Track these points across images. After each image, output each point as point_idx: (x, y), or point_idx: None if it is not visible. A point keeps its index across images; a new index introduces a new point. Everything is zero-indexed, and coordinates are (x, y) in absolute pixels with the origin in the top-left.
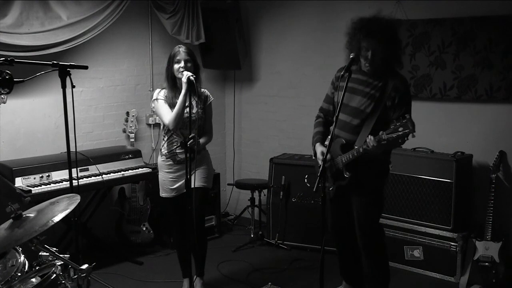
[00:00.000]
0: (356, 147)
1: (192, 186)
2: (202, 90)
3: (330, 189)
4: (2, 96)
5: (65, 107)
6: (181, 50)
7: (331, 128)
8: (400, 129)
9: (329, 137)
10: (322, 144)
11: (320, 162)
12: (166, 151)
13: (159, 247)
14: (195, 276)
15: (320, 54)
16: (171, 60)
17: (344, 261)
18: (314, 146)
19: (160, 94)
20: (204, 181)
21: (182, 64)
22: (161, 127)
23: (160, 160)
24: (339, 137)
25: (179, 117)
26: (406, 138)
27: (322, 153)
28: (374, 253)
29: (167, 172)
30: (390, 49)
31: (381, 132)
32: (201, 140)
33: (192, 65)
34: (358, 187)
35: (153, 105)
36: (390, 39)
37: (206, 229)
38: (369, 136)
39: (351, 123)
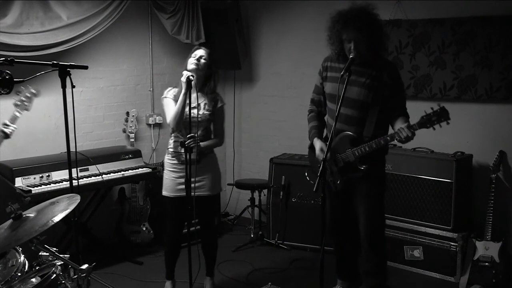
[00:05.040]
0: (367, 139)
1: (193, 191)
2: (216, 93)
3: (337, 182)
4: (25, 103)
5: (65, 107)
6: (201, 48)
7: (329, 121)
8: (434, 118)
9: (330, 136)
10: (320, 138)
11: (320, 159)
12: (172, 150)
13: (159, 247)
14: (206, 276)
15: (320, 54)
16: (189, 55)
17: (341, 257)
18: (312, 141)
19: (170, 92)
20: (209, 189)
21: (196, 56)
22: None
23: (166, 158)
24: (343, 131)
25: (178, 116)
26: (440, 125)
27: (321, 149)
28: (378, 245)
29: (171, 171)
30: (371, 36)
31: (407, 124)
32: (205, 143)
33: (206, 62)
34: (369, 177)
35: (162, 102)
36: (368, 26)
37: (216, 231)
38: (401, 128)
39: (353, 116)
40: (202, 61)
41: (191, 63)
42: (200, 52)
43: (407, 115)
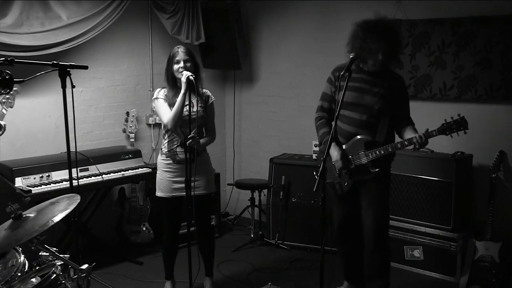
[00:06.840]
0: (379, 144)
1: (193, 191)
2: (204, 90)
3: (345, 184)
4: (10, 100)
5: (65, 107)
6: (180, 51)
7: (342, 127)
8: (454, 126)
9: (331, 136)
10: (337, 145)
11: (337, 166)
12: (166, 150)
13: (159, 247)
14: (206, 277)
15: (320, 54)
16: (170, 61)
17: (349, 261)
18: (328, 149)
19: (160, 93)
20: (205, 188)
21: (181, 64)
22: (162, 126)
23: (160, 158)
24: (356, 134)
25: (177, 116)
26: (457, 134)
27: (341, 156)
28: (383, 247)
29: (165, 171)
30: (397, 50)
31: (427, 130)
32: (202, 140)
33: (191, 64)
34: (377, 180)
35: (153, 104)
36: (398, 41)
37: (213, 230)
38: (417, 134)
39: (367, 121)
40: (188, 64)
41: (180, 71)
42: (182, 56)
43: (413, 123)
